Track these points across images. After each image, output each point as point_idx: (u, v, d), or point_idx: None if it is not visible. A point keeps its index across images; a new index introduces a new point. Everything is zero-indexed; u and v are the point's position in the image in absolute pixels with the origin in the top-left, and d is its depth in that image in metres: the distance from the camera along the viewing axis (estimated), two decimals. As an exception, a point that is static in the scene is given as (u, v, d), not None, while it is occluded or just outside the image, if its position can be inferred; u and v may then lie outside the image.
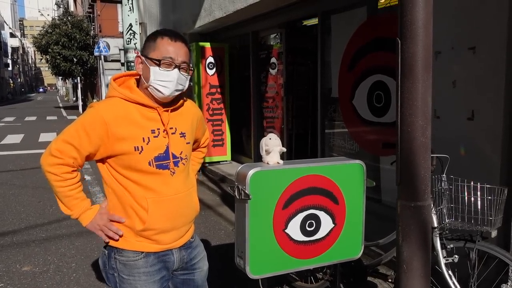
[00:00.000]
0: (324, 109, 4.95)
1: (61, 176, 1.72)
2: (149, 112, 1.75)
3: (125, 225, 1.77)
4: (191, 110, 1.97)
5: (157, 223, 1.75)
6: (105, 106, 1.71)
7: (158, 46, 1.72)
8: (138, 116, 1.72)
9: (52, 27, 24.56)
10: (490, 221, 2.34)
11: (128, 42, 10.05)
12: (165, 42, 1.72)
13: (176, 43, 1.73)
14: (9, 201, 6.27)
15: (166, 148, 1.77)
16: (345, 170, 2.50)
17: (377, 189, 4.05)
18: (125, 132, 1.68)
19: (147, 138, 1.72)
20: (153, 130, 1.74)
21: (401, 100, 1.98)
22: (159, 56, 1.70)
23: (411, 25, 1.90)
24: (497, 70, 2.79)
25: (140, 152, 1.70)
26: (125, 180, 1.73)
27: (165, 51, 1.71)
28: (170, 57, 1.71)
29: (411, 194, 2.01)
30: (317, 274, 3.08)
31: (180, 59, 1.73)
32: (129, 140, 1.69)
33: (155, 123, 1.76)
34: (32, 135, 14.47)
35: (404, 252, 2.06)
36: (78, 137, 1.68)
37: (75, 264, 4.04)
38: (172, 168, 1.78)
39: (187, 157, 1.87)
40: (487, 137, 2.90)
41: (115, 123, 1.68)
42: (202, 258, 2.03)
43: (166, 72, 1.70)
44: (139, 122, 1.72)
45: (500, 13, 2.76)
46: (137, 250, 1.77)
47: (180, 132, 1.84)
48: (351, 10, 4.44)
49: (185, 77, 1.76)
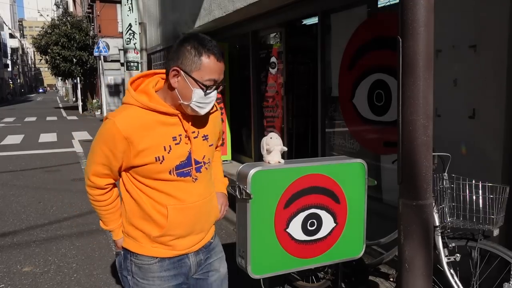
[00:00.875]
0: (325, 108, 4.94)
1: (95, 198, 1.74)
2: (170, 119, 1.65)
3: (141, 231, 1.71)
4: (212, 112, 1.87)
5: (175, 230, 1.70)
6: (122, 119, 1.60)
7: (204, 66, 1.59)
8: (158, 124, 1.63)
9: (52, 27, 24.56)
10: (492, 219, 2.34)
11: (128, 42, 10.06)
12: (211, 63, 1.59)
13: (220, 63, 1.63)
14: (10, 201, 6.26)
15: (188, 155, 1.69)
16: (347, 169, 2.49)
17: (378, 188, 4.04)
18: (145, 144, 1.60)
19: (169, 147, 1.64)
20: (174, 137, 1.66)
21: (402, 98, 1.97)
22: (204, 78, 1.59)
23: (412, 23, 1.90)
24: (498, 68, 2.78)
25: (161, 162, 1.63)
26: (144, 187, 1.67)
27: (211, 73, 1.60)
28: (213, 80, 1.61)
29: (413, 193, 2.00)
30: (319, 273, 3.07)
31: (221, 79, 1.65)
32: (150, 151, 1.61)
33: (176, 129, 1.67)
34: (32, 135, 14.47)
35: (406, 251, 2.06)
36: (105, 156, 1.64)
37: (76, 264, 4.04)
38: (194, 175, 1.71)
39: (209, 160, 1.79)
40: (488, 136, 2.89)
41: (134, 136, 1.59)
42: (219, 259, 1.94)
43: (208, 95, 1.62)
44: (159, 131, 1.63)
45: (501, 11, 2.75)
46: (152, 255, 1.72)
47: (203, 135, 1.75)
48: (351, 9, 4.43)
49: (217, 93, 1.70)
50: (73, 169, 8.55)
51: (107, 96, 20.91)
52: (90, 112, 25.46)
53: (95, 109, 24.28)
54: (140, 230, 1.71)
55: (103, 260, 4.12)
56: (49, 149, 11.27)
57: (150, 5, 10.92)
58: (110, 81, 24.19)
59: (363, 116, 4.20)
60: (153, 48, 11.03)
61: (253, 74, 6.74)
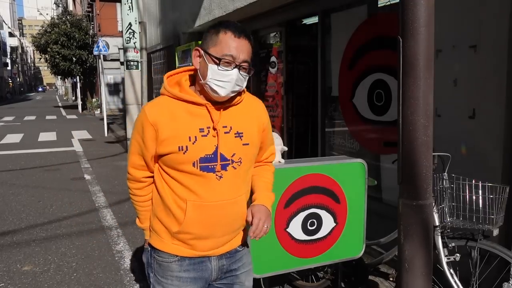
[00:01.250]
0: (324, 108, 4.94)
1: (133, 191, 1.76)
2: (198, 109, 1.62)
3: (163, 224, 1.69)
4: (256, 108, 1.77)
5: (193, 228, 1.64)
6: (151, 107, 1.63)
7: (220, 41, 1.57)
8: (186, 114, 1.61)
9: (51, 26, 24.53)
10: (492, 219, 2.34)
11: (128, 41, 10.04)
12: (228, 37, 1.56)
13: (240, 39, 1.57)
14: (9, 200, 6.26)
15: (215, 149, 1.61)
16: (347, 169, 2.50)
17: (378, 188, 4.04)
18: (169, 132, 1.59)
19: (194, 137, 1.59)
20: (201, 128, 1.60)
21: (403, 98, 1.97)
22: (219, 53, 1.56)
23: (413, 23, 1.90)
24: (498, 68, 2.79)
25: (185, 152, 1.58)
26: (168, 178, 1.65)
27: (226, 48, 1.56)
28: (231, 55, 1.55)
29: (413, 193, 2.00)
30: (318, 273, 3.08)
31: (242, 58, 1.57)
32: (174, 140, 1.59)
33: (204, 120, 1.61)
34: (31, 134, 14.46)
35: (406, 251, 2.06)
36: (138, 144, 1.66)
37: (75, 263, 4.04)
38: (219, 171, 1.62)
39: (241, 160, 1.66)
40: (488, 136, 2.89)
41: (161, 123, 1.59)
42: (246, 272, 1.82)
43: (225, 71, 1.56)
44: (185, 120, 1.60)
45: (501, 11, 2.75)
46: (172, 253, 1.69)
47: (236, 132, 1.65)
48: (351, 9, 4.43)
49: (244, 77, 1.61)
50: (72, 168, 8.55)
51: (107, 95, 20.88)
52: (90, 111, 25.45)
53: (95, 108, 24.27)
54: (162, 223, 1.69)
55: (102, 259, 4.12)
56: (49, 148, 11.26)
57: (150, 4, 10.91)
58: (110, 80, 24.19)
59: (363, 116, 4.20)
60: (153, 47, 11.03)
61: (253, 74, 6.73)
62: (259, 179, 1.80)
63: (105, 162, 9.19)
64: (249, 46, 1.60)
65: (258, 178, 1.81)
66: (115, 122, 18.11)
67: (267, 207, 1.69)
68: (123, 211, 5.57)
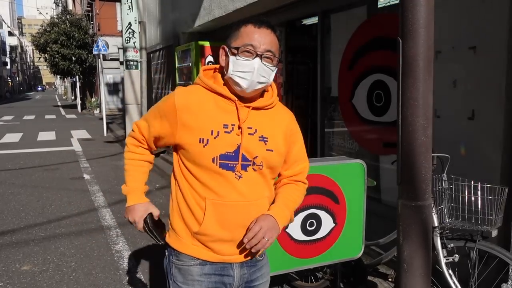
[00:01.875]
0: (324, 109, 4.94)
1: (128, 147, 1.73)
2: (226, 104, 1.58)
3: (183, 223, 1.62)
4: (285, 117, 1.71)
5: (212, 229, 1.56)
6: (182, 92, 1.61)
7: (241, 34, 1.56)
8: (213, 106, 1.57)
9: (51, 25, 24.52)
10: (491, 220, 2.34)
11: (127, 41, 10.05)
12: (248, 29, 1.55)
13: (260, 29, 1.55)
14: (8, 200, 6.25)
15: (237, 148, 1.55)
16: (346, 170, 2.50)
17: (378, 188, 4.05)
18: (193, 121, 1.54)
19: (216, 132, 1.54)
20: (225, 124, 1.55)
21: (402, 99, 1.98)
22: (239, 44, 1.54)
23: (412, 24, 1.90)
24: (498, 69, 2.79)
25: (205, 146, 1.53)
26: (189, 174, 1.59)
27: (247, 37, 1.54)
28: (250, 44, 1.52)
29: (412, 194, 2.01)
30: (317, 273, 3.08)
31: (263, 47, 1.53)
32: (196, 131, 1.54)
33: (230, 116, 1.57)
34: (30, 134, 14.45)
35: (405, 252, 2.06)
36: (154, 116, 1.64)
37: (74, 263, 4.03)
38: (239, 171, 1.55)
39: (262, 164, 1.59)
40: (487, 137, 2.90)
41: (186, 110, 1.55)
42: (264, 283, 1.75)
43: (245, 61, 1.52)
44: (211, 112, 1.56)
45: (500, 12, 2.76)
46: (193, 255, 1.61)
47: (260, 135, 1.59)
48: (351, 9, 4.44)
49: (269, 68, 1.55)
50: (71, 168, 8.54)
51: (106, 95, 20.87)
52: (89, 110, 25.44)
53: (94, 107, 24.26)
54: (184, 221, 1.61)
55: (101, 259, 4.12)
56: (48, 148, 11.26)
57: (150, 4, 10.91)
58: (109, 79, 24.21)
59: (362, 116, 4.21)
60: (153, 47, 11.02)
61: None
62: (280, 195, 1.70)
63: (104, 162, 9.18)
64: (272, 36, 1.57)
65: (279, 194, 1.70)
66: (115, 122, 18.11)
67: (275, 220, 1.57)
68: (122, 211, 5.54)
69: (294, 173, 1.75)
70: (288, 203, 1.68)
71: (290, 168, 1.74)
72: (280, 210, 1.63)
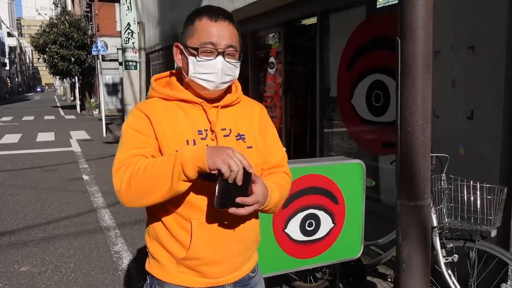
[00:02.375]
0: (323, 109, 4.94)
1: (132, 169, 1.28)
2: (194, 109, 1.42)
3: (165, 250, 1.40)
4: (253, 108, 1.56)
5: (202, 252, 1.37)
6: (145, 104, 1.43)
7: (197, 29, 1.38)
8: (181, 114, 1.40)
9: (50, 26, 24.50)
10: (490, 220, 2.34)
11: (126, 42, 10.04)
12: (204, 23, 1.37)
13: (218, 23, 1.37)
14: (7, 201, 6.24)
15: None
16: (345, 170, 2.50)
17: (377, 188, 4.05)
18: (164, 134, 1.36)
19: (192, 141, 1.37)
20: (200, 130, 1.39)
21: (401, 99, 1.97)
22: (197, 43, 1.37)
23: (411, 24, 1.90)
24: (497, 69, 2.79)
25: None
26: None
27: (204, 35, 1.36)
28: (210, 42, 1.35)
29: (411, 194, 2.00)
30: (317, 273, 3.07)
31: (224, 43, 1.37)
32: (171, 144, 1.35)
33: (201, 121, 1.41)
34: (29, 134, 14.43)
35: (404, 252, 2.06)
36: (134, 138, 1.36)
37: (73, 264, 4.03)
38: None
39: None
40: (486, 137, 2.90)
41: (156, 121, 1.37)
42: None
43: (207, 62, 1.36)
44: (182, 121, 1.39)
45: (499, 12, 2.76)
46: (179, 284, 1.40)
47: (237, 134, 1.44)
48: (350, 9, 4.44)
49: (233, 64, 1.40)
50: (71, 169, 8.53)
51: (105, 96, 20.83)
52: (88, 111, 25.44)
53: (93, 108, 24.26)
54: (165, 248, 1.40)
55: (100, 260, 4.11)
56: (47, 149, 11.24)
57: (149, 5, 10.91)
58: (108, 80, 24.19)
59: (361, 116, 4.21)
60: (152, 47, 11.03)
61: (251, 74, 6.74)
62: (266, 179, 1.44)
63: (104, 163, 9.17)
64: (231, 29, 1.39)
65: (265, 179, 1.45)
66: (114, 123, 18.09)
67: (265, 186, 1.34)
68: (121, 211, 5.56)
69: (272, 165, 1.54)
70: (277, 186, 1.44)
71: (268, 162, 1.53)
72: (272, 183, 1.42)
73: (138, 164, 1.28)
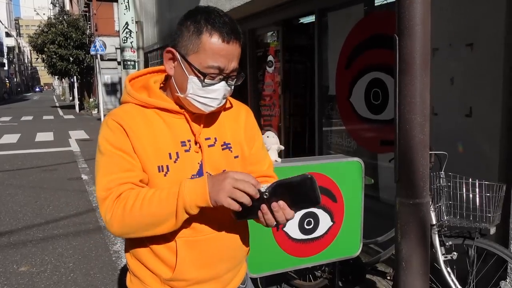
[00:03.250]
0: (322, 107, 4.94)
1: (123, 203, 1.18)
2: (175, 118, 1.28)
3: (149, 270, 1.30)
4: (239, 112, 1.42)
5: (189, 272, 1.27)
6: (120, 112, 1.27)
7: (204, 47, 1.19)
8: (161, 124, 1.26)
9: (48, 26, 24.48)
10: (489, 218, 2.34)
11: (125, 41, 10.02)
12: (215, 43, 1.18)
13: (230, 45, 1.20)
14: (6, 201, 6.24)
15: (199, 167, 1.27)
16: (344, 168, 2.50)
17: (375, 186, 4.05)
18: (146, 148, 1.22)
19: (175, 154, 1.24)
20: (183, 142, 1.26)
21: (399, 97, 1.97)
22: (203, 64, 1.19)
23: (409, 21, 1.89)
24: (495, 66, 2.79)
25: (166, 174, 1.22)
26: None
27: (213, 57, 1.19)
28: (218, 67, 1.20)
29: (410, 192, 2.00)
30: (316, 272, 3.07)
31: (231, 67, 1.22)
32: (151, 158, 1.22)
33: (184, 132, 1.28)
34: (28, 134, 14.41)
35: (403, 250, 2.06)
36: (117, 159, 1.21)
37: (72, 264, 4.02)
38: None
39: None
40: (485, 134, 2.89)
41: (134, 135, 1.22)
42: None
43: (211, 87, 1.22)
44: (163, 132, 1.25)
45: (497, 9, 2.76)
46: None
47: (222, 143, 1.32)
48: (348, 7, 4.43)
49: (231, 87, 1.27)
50: (69, 168, 8.53)
51: (104, 95, 20.86)
52: (87, 111, 25.42)
53: (92, 108, 24.24)
54: (149, 268, 1.30)
55: (99, 259, 4.11)
56: (46, 148, 11.23)
57: (147, 4, 10.90)
58: (107, 80, 24.17)
59: (360, 114, 4.21)
60: (150, 46, 11.02)
61: (250, 73, 6.74)
62: None
63: (103, 162, 9.15)
64: (239, 49, 1.25)
65: None
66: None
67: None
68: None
69: (260, 175, 1.43)
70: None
71: (254, 170, 1.41)
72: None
73: (130, 200, 1.17)
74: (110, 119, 1.25)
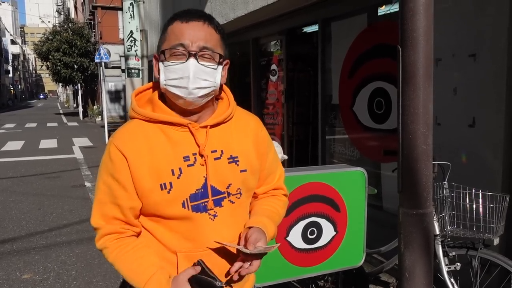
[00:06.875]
0: (325, 116, 4.95)
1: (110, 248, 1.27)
2: (178, 132, 1.27)
3: None
4: (248, 124, 1.40)
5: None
6: (121, 135, 1.28)
7: (169, 34, 1.26)
8: (163, 139, 1.26)
9: (53, 34, 24.68)
10: (492, 228, 2.33)
11: (129, 49, 10.09)
12: (175, 26, 1.25)
13: (189, 24, 1.23)
14: (9, 208, 6.25)
15: (204, 181, 1.26)
16: (347, 178, 2.50)
17: (379, 196, 4.04)
18: (147, 166, 1.23)
19: (178, 170, 1.23)
20: (186, 156, 1.25)
21: (403, 107, 1.98)
22: (167, 47, 1.25)
23: (412, 32, 1.91)
24: (498, 77, 2.79)
25: (169, 191, 1.22)
26: (153, 227, 1.29)
27: (174, 37, 1.24)
28: (180, 44, 1.22)
29: (413, 202, 2.00)
30: (319, 281, 3.06)
31: (197, 44, 1.22)
32: (154, 176, 1.22)
33: (188, 146, 1.26)
34: (32, 141, 14.47)
35: (406, 260, 2.05)
36: (108, 187, 1.26)
37: (75, 271, 4.02)
38: (212, 209, 1.26)
39: (240, 191, 1.31)
40: (488, 144, 2.89)
41: (134, 160, 1.23)
42: None
43: (177, 65, 1.22)
44: (165, 149, 1.25)
45: (500, 20, 2.77)
46: None
47: (229, 156, 1.30)
48: (351, 17, 4.46)
49: (210, 67, 1.24)
50: (73, 176, 8.55)
51: (108, 103, 20.94)
52: (91, 118, 25.51)
53: (96, 115, 24.34)
54: None
55: (102, 267, 4.11)
56: (50, 155, 11.27)
57: (152, 13, 10.97)
58: (111, 87, 24.26)
59: (363, 124, 4.21)
60: (154, 55, 11.07)
61: (253, 81, 6.76)
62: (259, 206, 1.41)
63: (106, 170, 9.18)
64: (208, 29, 1.25)
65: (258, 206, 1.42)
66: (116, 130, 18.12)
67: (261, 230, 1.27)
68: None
69: (271, 188, 1.46)
70: (273, 215, 1.39)
71: (264, 183, 1.44)
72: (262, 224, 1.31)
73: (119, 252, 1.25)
74: (113, 145, 1.26)
